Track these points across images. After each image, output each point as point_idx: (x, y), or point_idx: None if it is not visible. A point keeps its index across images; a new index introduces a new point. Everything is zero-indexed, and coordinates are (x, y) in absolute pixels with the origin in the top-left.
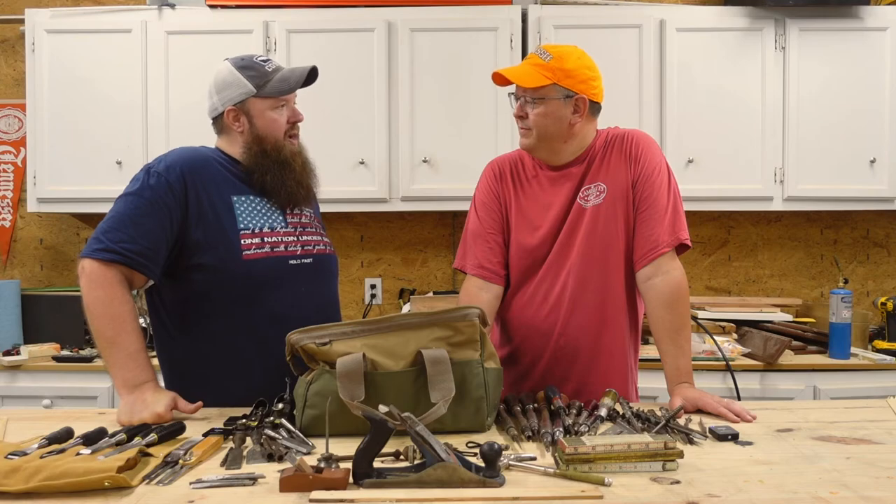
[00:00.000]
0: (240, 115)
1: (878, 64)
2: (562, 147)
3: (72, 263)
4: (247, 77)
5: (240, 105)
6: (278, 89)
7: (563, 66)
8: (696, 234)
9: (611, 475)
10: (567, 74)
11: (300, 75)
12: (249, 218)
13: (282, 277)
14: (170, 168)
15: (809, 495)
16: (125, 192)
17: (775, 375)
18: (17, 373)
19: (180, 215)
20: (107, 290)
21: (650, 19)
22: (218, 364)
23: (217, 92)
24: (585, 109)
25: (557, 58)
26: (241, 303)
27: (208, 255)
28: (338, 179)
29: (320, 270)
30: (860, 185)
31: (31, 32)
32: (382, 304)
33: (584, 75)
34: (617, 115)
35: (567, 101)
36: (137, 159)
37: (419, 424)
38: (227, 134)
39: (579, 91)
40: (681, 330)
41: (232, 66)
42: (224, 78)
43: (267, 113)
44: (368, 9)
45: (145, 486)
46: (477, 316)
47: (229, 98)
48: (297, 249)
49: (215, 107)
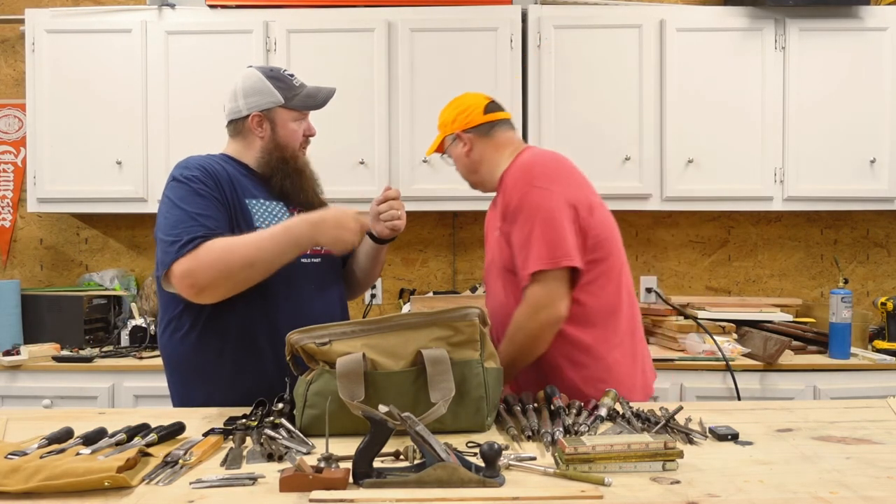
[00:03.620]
0: (263, 122)
1: (878, 64)
2: (477, 179)
3: (72, 263)
4: (276, 87)
5: (265, 112)
6: (305, 104)
7: (442, 122)
8: (696, 234)
9: (611, 475)
10: (444, 124)
11: (326, 95)
12: (263, 219)
13: (295, 276)
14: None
15: (809, 495)
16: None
17: (775, 375)
18: (17, 373)
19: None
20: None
21: (650, 19)
22: (230, 359)
23: (244, 96)
24: (467, 139)
25: (439, 116)
26: (256, 299)
27: None
28: (338, 179)
29: (328, 270)
30: (860, 185)
31: (31, 32)
32: (382, 304)
33: (452, 116)
34: (617, 115)
35: (455, 142)
36: (137, 159)
37: (419, 424)
38: (245, 137)
39: (454, 130)
40: (503, 345)
41: (262, 74)
42: (253, 84)
43: (289, 124)
44: (368, 9)
45: (145, 486)
46: (477, 316)
47: (256, 104)
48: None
49: (239, 110)
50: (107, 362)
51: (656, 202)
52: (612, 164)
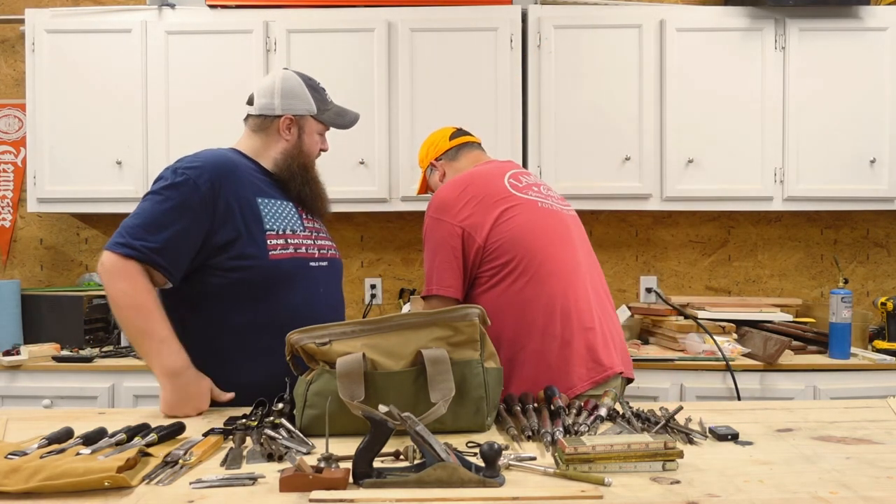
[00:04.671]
0: (293, 126)
1: (877, 64)
2: None
3: (72, 263)
4: (312, 97)
5: (297, 117)
6: (334, 122)
7: (420, 160)
8: (697, 233)
9: (611, 475)
10: (421, 161)
11: (354, 118)
12: (274, 220)
13: (303, 277)
14: (199, 170)
15: (809, 495)
16: (152, 189)
17: (775, 375)
18: (17, 373)
19: (207, 218)
20: (129, 282)
21: (650, 19)
22: (234, 359)
23: (281, 97)
24: (439, 165)
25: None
26: (264, 300)
27: (235, 253)
28: (338, 179)
29: (332, 273)
30: (860, 185)
31: (31, 32)
32: (382, 304)
33: (424, 152)
34: (617, 115)
35: (432, 173)
36: (137, 159)
37: (419, 424)
38: (268, 136)
39: (428, 162)
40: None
41: (301, 80)
42: (292, 87)
43: (315, 134)
44: (368, 9)
45: (145, 486)
46: (477, 316)
47: (291, 107)
48: (314, 252)
49: (272, 107)
50: (107, 362)
51: (656, 202)
52: (612, 164)
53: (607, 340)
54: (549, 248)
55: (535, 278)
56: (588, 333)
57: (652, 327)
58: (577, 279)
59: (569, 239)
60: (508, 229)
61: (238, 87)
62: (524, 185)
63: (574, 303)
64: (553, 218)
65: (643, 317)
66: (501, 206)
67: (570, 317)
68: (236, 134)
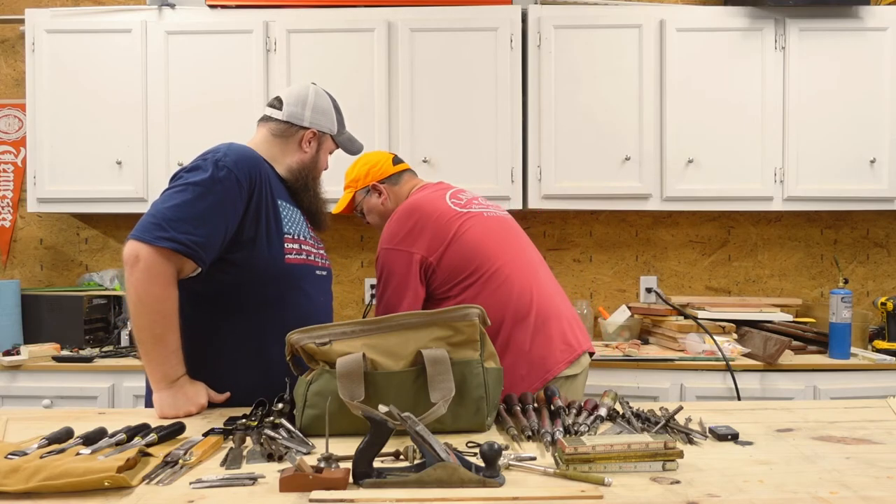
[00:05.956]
0: (313, 141)
1: (877, 64)
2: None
3: (72, 263)
4: (336, 118)
5: (320, 133)
6: (346, 147)
7: (354, 178)
8: (696, 233)
9: (611, 475)
10: (356, 180)
11: (359, 148)
12: (291, 224)
13: (310, 283)
14: (238, 164)
15: (809, 495)
16: (191, 180)
17: (775, 375)
18: (17, 373)
19: (241, 212)
20: (164, 288)
21: (650, 19)
22: (236, 359)
23: (312, 110)
24: (383, 189)
25: (346, 176)
26: (273, 302)
27: (255, 252)
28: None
29: (329, 283)
30: (860, 185)
31: (31, 32)
32: None
33: (364, 171)
34: (617, 115)
35: (370, 194)
36: (137, 159)
37: (419, 424)
38: (288, 144)
39: (367, 183)
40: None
41: (330, 99)
42: (323, 105)
43: (327, 153)
44: (368, 9)
45: (145, 486)
46: (477, 316)
47: (317, 122)
48: (318, 261)
49: (300, 118)
50: (107, 362)
51: (656, 202)
52: (612, 164)
53: (571, 323)
54: (508, 252)
55: (501, 280)
56: (556, 320)
57: (652, 327)
58: (535, 274)
59: (517, 240)
60: (465, 243)
61: (238, 86)
62: (466, 202)
63: (538, 296)
64: (500, 224)
65: (643, 317)
66: (454, 224)
67: (539, 308)
68: (236, 133)
